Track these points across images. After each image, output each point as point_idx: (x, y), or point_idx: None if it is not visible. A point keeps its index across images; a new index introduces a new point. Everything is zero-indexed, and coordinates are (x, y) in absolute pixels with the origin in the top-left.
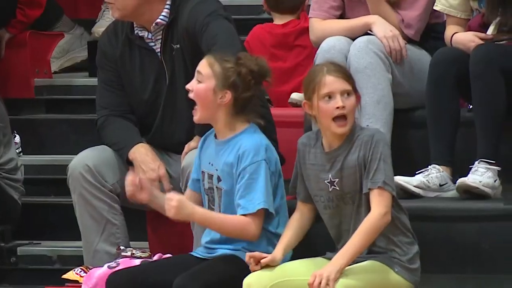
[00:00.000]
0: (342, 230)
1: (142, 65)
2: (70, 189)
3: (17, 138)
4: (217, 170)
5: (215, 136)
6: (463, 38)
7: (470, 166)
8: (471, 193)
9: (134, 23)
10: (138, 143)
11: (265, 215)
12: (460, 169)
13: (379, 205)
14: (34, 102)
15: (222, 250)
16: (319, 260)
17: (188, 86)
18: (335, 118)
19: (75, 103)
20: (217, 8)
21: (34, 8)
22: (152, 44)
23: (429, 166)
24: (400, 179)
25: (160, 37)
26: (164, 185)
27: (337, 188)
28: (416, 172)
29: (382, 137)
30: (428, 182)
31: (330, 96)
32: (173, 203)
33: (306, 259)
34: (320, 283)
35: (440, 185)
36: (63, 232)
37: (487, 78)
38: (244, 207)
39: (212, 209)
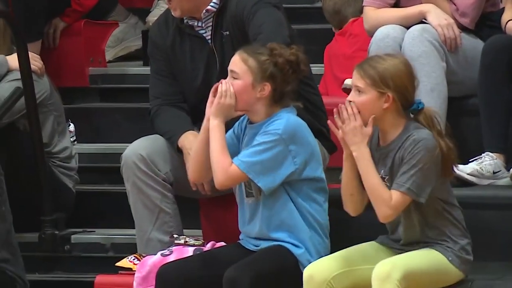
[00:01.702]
0: (395, 222)
1: (193, 53)
2: (124, 178)
3: (72, 127)
4: None
5: (249, 122)
6: None
7: None
8: None
9: None
10: (187, 131)
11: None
12: None
13: (392, 205)
14: (89, 91)
15: (266, 243)
16: (374, 245)
17: (224, 81)
18: None
19: (129, 92)
20: None
21: None
22: (202, 31)
23: (483, 154)
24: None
25: (210, 24)
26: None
27: (388, 185)
28: (470, 160)
29: (428, 145)
30: (482, 169)
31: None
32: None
33: (361, 244)
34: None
35: (494, 173)
36: (117, 220)
37: None
38: (235, 160)
39: (250, 194)
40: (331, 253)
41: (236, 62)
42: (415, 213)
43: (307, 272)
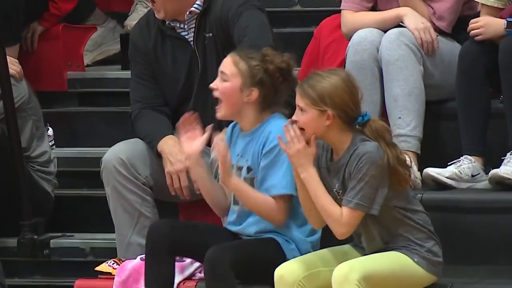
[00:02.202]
0: (358, 232)
1: (174, 55)
2: (104, 182)
3: (50, 131)
4: (247, 161)
5: (240, 129)
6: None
7: (503, 158)
8: (503, 184)
9: None
10: (167, 135)
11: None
12: (493, 160)
13: (343, 223)
14: (67, 95)
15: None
16: (346, 248)
17: (212, 85)
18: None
19: (107, 96)
20: None
21: (67, 2)
22: (185, 33)
23: (461, 157)
24: (432, 171)
25: (193, 26)
26: (191, 176)
27: (343, 198)
28: (448, 164)
29: (372, 158)
30: (460, 173)
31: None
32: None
33: (336, 246)
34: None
35: (472, 176)
36: (96, 225)
37: None
38: (267, 189)
39: (237, 203)
40: None
41: (227, 64)
42: (373, 226)
43: (278, 272)
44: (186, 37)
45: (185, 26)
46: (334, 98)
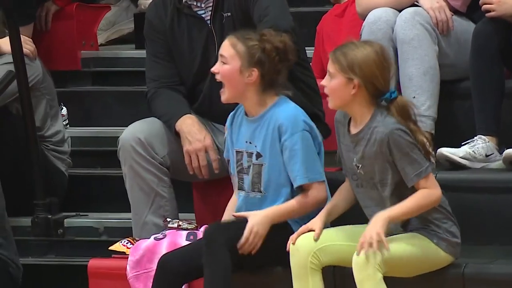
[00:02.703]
0: (374, 212)
1: (191, 34)
2: (121, 161)
3: (64, 110)
4: (256, 147)
5: (246, 114)
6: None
7: None
8: None
9: None
10: (185, 115)
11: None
12: (508, 141)
13: (431, 187)
14: (81, 74)
15: None
16: (361, 228)
17: (213, 69)
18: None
19: (121, 75)
20: None
21: None
22: (202, 12)
23: (475, 137)
24: (446, 151)
25: (210, 5)
26: (210, 155)
27: (362, 173)
28: (462, 144)
29: (396, 135)
30: (474, 152)
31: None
32: (255, 229)
33: (349, 225)
34: (370, 244)
35: (486, 156)
36: (110, 204)
37: None
38: (298, 179)
39: (242, 188)
40: None
41: (225, 47)
42: (392, 206)
43: (292, 246)
44: (203, 16)
45: (203, 5)
46: (364, 68)
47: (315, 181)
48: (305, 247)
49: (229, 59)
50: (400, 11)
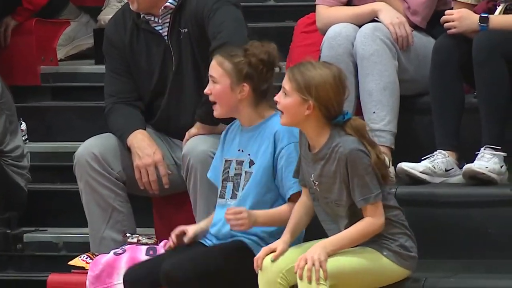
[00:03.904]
0: (329, 229)
1: (149, 50)
2: (77, 177)
3: (23, 125)
4: (249, 155)
5: (241, 124)
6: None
7: (476, 153)
8: (477, 179)
9: None
10: (136, 129)
11: None
12: (468, 155)
13: (375, 216)
14: (40, 90)
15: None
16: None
17: (206, 91)
18: None
19: (80, 90)
20: None
21: None
22: (159, 28)
23: (435, 152)
24: (406, 166)
25: (167, 21)
26: (159, 171)
27: (318, 190)
28: (422, 158)
29: (358, 152)
30: (434, 167)
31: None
32: (244, 214)
33: (314, 241)
34: (312, 264)
35: (446, 170)
36: (69, 219)
37: (490, 65)
38: (295, 186)
39: (236, 195)
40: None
41: (213, 67)
42: (347, 224)
43: (263, 263)
44: (161, 31)
45: (160, 21)
46: (320, 91)
47: (299, 191)
48: (274, 268)
49: (219, 78)
50: (360, 26)
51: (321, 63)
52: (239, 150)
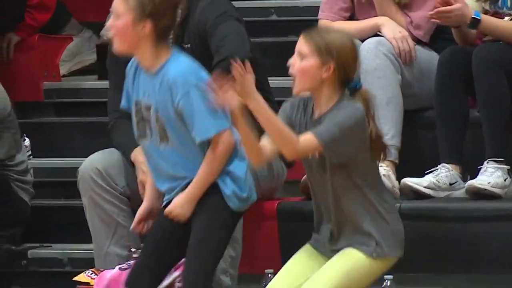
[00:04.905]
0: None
1: None
2: (80, 192)
3: (27, 142)
4: (154, 104)
5: (140, 65)
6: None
7: (479, 167)
8: (480, 194)
9: None
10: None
11: None
12: (472, 170)
13: (300, 146)
14: (43, 105)
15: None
16: (309, 250)
17: (106, 26)
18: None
19: (84, 106)
20: (229, 9)
21: (43, 12)
22: None
23: (439, 166)
24: (410, 181)
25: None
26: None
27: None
28: (426, 172)
29: (355, 112)
30: (438, 182)
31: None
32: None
33: (297, 254)
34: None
35: (450, 184)
36: (74, 235)
37: (489, 78)
38: (199, 135)
39: (144, 136)
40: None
41: (118, 2)
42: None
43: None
44: None
45: None
46: (341, 53)
47: (219, 132)
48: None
49: (121, 13)
50: (363, 41)
51: (335, 28)
52: (145, 93)
